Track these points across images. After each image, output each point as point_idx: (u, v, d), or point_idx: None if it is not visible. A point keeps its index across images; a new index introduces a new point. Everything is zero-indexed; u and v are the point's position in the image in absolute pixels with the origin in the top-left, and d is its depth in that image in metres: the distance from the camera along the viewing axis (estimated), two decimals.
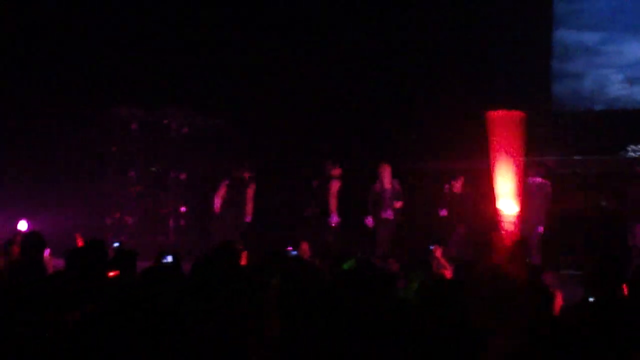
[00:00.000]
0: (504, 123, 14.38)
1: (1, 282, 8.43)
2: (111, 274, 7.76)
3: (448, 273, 10.10)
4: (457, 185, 16.25)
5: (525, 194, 14.60)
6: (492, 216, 14.33)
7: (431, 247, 11.44)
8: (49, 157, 18.23)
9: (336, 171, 16.19)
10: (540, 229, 15.15)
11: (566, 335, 4.73)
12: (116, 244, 12.10)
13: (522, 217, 14.35)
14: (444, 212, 16.18)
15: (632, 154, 17.52)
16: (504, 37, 19.15)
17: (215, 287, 6.18)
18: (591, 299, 7.22)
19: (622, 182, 16.36)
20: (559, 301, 8.75)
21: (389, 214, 15.69)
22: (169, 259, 8.47)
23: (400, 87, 19.02)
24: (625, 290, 7.13)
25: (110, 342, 3.71)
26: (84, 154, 18.49)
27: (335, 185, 16.18)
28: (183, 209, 18.73)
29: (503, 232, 13.76)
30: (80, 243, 10.36)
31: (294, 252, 11.09)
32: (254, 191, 16.30)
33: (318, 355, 5.12)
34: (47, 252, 9.38)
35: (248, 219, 16.32)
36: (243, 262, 9.44)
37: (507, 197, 14.25)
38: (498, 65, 19.22)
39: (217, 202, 16.21)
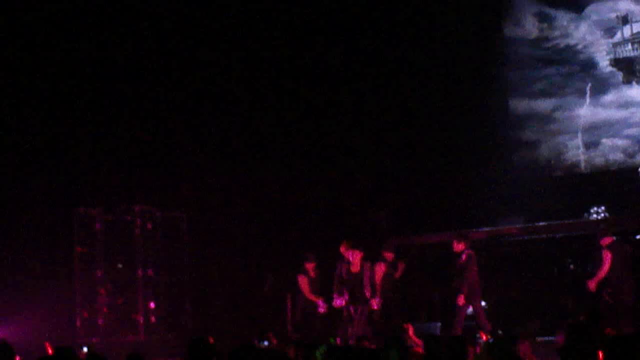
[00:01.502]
0: None
1: None
2: None
3: (420, 349, 10.07)
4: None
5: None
6: None
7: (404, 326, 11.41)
8: (12, 262, 18.06)
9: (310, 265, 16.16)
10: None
11: None
12: (85, 349, 11.96)
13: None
14: None
15: (595, 215, 17.64)
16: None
17: None
18: None
19: (587, 244, 16.48)
20: None
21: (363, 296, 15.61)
22: None
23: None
24: (601, 357, 7.12)
25: None
26: (49, 257, 18.34)
27: (312, 274, 16.20)
28: (152, 305, 18.60)
29: None
30: (49, 351, 10.24)
31: (265, 343, 11.02)
32: None
33: None
34: None
35: None
36: None
37: None
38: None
39: None
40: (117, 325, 18.28)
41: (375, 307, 15.50)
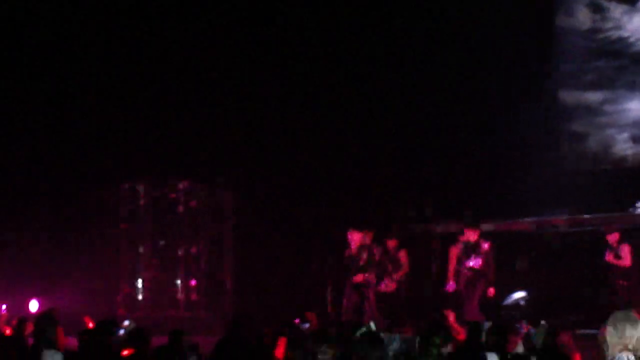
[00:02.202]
0: None
1: None
2: (125, 352, 7.70)
3: (462, 336, 10.01)
4: None
5: None
6: None
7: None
8: (59, 237, 18.20)
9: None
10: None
11: None
12: (127, 322, 12.01)
13: None
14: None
15: None
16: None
17: None
18: None
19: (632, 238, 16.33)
20: None
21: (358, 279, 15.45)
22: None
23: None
24: None
25: None
26: (95, 232, 18.45)
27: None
28: (193, 282, 18.62)
29: None
30: (89, 325, 10.33)
31: (306, 325, 11.01)
32: None
33: None
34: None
35: None
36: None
37: None
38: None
39: None
40: (158, 301, 18.36)
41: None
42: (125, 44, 18.71)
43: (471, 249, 15.29)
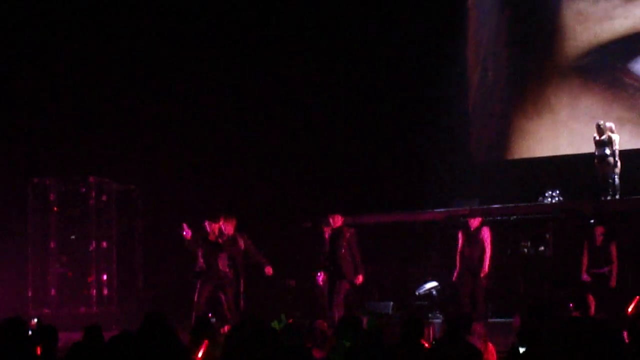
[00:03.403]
0: None
1: None
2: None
3: None
4: None
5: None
6: None
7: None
8: None
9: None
10: None
11: None
12: (35, 320, 11.74)
13: None
14: None
15: (549, 199, 17.67)
16: None
17: None
18: (521, 349, 7.15)
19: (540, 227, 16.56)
20: (491, 352, 8.65)
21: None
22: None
23: None
24: None
25: None
26: (2, 227, 18.09)
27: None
28: (105, 277, 18.39)
29: None
30: None
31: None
32: None
33: None
34: None
35: None
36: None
37: None
38: None
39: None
40: (70, 297, 18.05)
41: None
42: (29, 43, 18.47)
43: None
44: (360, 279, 14.29)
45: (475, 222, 15.10)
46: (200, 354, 8.18)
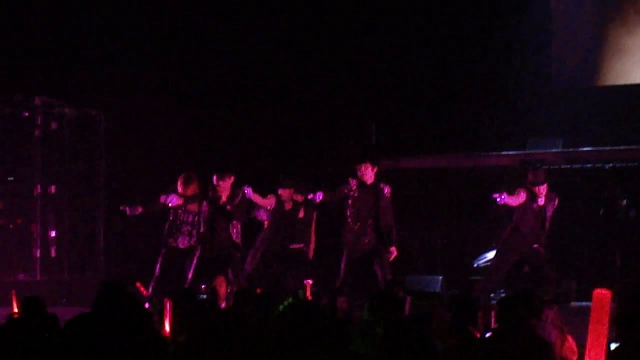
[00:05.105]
0: None
1: None
2: None
3: None
4: None
5: None
6: None
7: None
8: None
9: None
10: None
11: None
12: None
13: None
14: None
15: None
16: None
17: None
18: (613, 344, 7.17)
19: None
20: (571, 346, 8.59)
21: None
22: None
23: None
24: None
25: None
26: None
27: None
28: (53, 233, 18.40)
29: None
30: None
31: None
32: None
33: None
34: None
35: None
36: None
37: None
38: None
39: None
40: (5, 260, 18.11)
41: None
42: None
43: None
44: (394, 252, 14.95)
45: (542, 190, 15.27)
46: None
